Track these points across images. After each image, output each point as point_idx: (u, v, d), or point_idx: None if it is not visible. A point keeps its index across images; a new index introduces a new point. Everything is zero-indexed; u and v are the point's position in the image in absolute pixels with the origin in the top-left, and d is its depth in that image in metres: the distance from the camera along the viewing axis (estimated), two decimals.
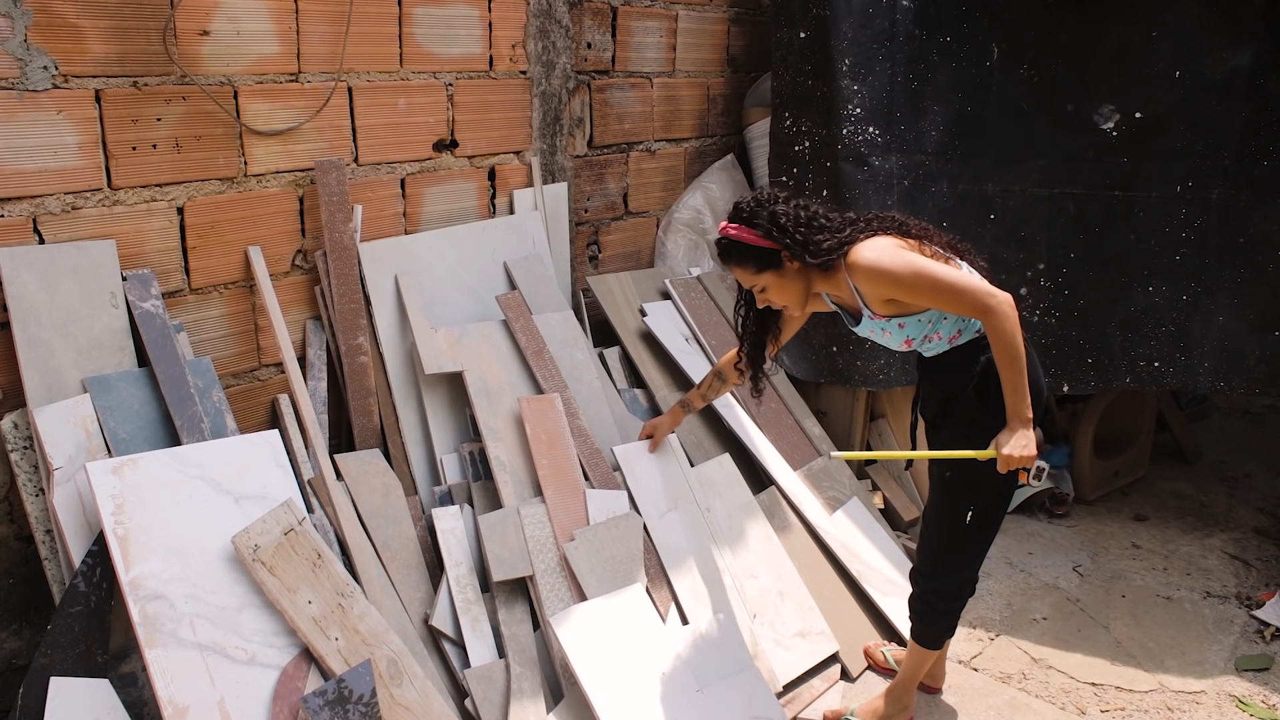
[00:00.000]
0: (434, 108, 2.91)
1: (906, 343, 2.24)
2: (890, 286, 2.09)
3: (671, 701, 2.32)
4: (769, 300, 2.25)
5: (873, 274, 2.09)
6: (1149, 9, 3.04)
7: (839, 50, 3.17)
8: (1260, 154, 3.01)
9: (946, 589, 2.42)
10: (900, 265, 2.06)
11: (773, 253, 2.17)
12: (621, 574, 2.53)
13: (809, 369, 3.48)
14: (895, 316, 2.18)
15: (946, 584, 2.42)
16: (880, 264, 2.07)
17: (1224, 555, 3.51)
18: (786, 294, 2.22)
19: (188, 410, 2.23)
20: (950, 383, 2.26)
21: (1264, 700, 2.71)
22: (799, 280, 2.21)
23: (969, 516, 2.29)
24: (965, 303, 2.04)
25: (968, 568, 2.41)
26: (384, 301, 2.77)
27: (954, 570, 2.40)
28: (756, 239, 2.16)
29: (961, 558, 2.39)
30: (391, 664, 2.11)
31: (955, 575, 2.41)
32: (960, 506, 2.30)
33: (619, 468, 2.79)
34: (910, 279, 2.05)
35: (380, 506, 2.49)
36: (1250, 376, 3.18)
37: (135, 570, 1.93)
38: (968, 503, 2.29)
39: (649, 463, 2.84)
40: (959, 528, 2.32)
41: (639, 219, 3.81)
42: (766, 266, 2.18)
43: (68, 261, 2.16)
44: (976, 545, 2.38)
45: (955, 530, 2.33)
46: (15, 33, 2.03)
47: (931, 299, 2.08)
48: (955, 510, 2.31)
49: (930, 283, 2.04)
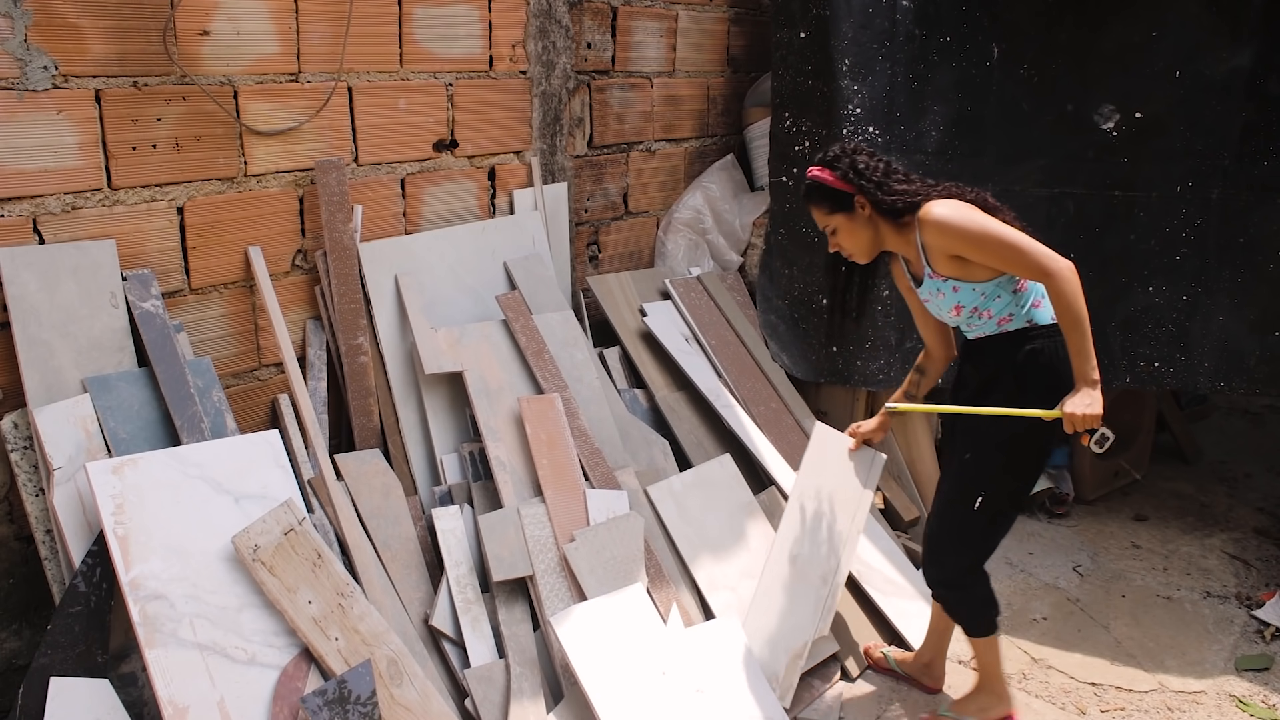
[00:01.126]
0: (434, 108, 2.91)
1: (956, 309, 2.29)
2: (957, 240, 2.16)
3: (671, 702, 2.32)
4: (838, 244, 2.35)
5: (941, 226, 2.16)
6: (1149, 9, 3.04)
7: (839, 50, 3.17)
8: (1260, 154, 3.01)
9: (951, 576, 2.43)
10: (968, 220, 2.15)
11: (846, 195, 2.27)
12: (622, 574, 2.53)
13: (809, 369, 3.48)
14: (953, 278, 2.24)
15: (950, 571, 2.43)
16: (950, 218, 2.15)
17: (1224, 555, 3.51)
18: (855, 239, 2.31)
19: (188, 410, 2.23)
20: (990, 366, 2.31)
21: (1264, 700, 2.71)
22: (868, 228, 2.29)
23: (979, 502, 2.31)
24: (1028, 262, 2.09)
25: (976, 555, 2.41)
26: (384, 301, 2.77)
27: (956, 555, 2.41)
28: (834, 180, 2.27)
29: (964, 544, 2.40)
30: (391, 664, 2.11)
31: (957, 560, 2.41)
32: (971, 490, 2.33)
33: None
34: (977, 233, 2.13)
35: (380, 506, 2.49)
36: (1250, 376, 3.18)
37: (135, 570, 1.93)
38: (979, 487, 2.32)
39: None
40: (963, 512, 2.34)
41: (639, 219, 3.81)
42: (839, 208, 2.29)
43: (68, 261, 2.16)
44: (995, 529, 2.38)
45: (960, 515, 2.35)
46: (15, 33, 2.03)
47: (996, 257, 2.14)
48: (965, 493, 2.34)
49: (995, 240, 2.12)
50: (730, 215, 3.86)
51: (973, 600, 2.45)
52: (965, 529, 2.38)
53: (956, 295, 2.26)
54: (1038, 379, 2.24)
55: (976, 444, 2.33)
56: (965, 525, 2.37)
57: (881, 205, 2.24)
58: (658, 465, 3.01)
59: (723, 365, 3.37)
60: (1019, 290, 2.24)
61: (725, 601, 2.71)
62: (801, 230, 3.38)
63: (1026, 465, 2.33)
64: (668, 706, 2.30)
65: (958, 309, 2.29)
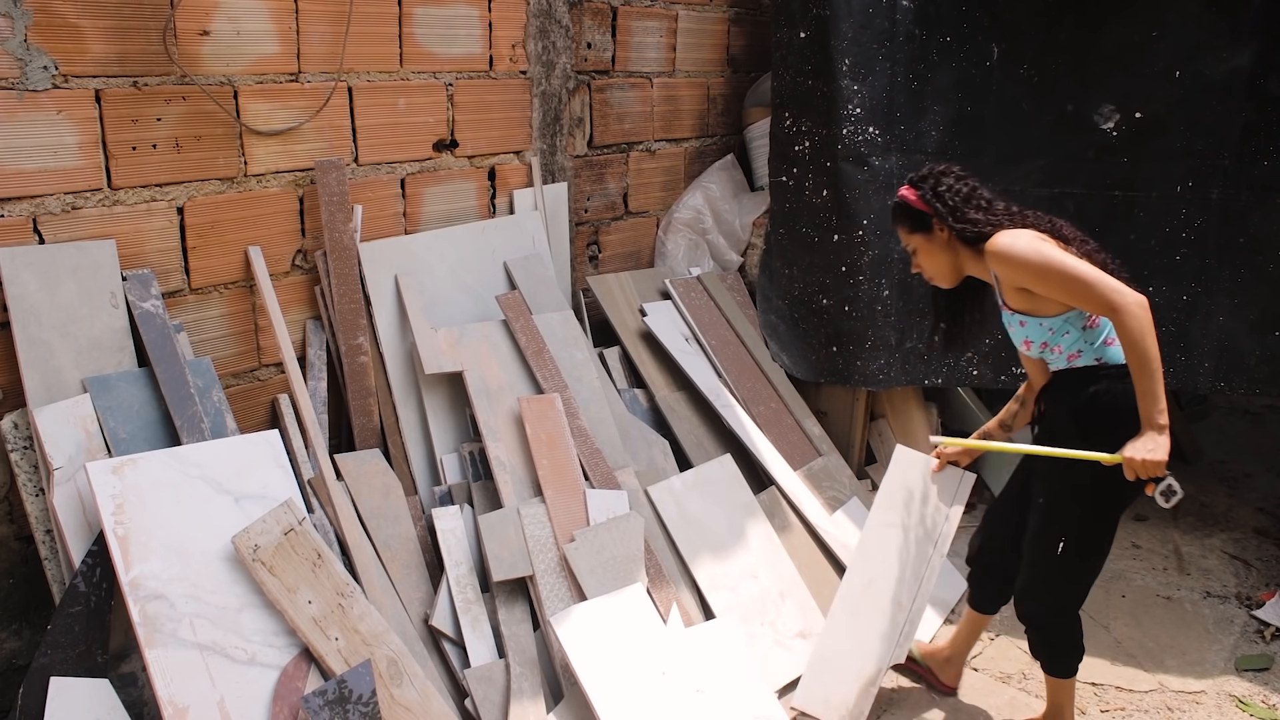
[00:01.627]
0: (434, 108, 2.91)
1: (1026, 344, 2.27)
2: (1020, 272, 2.12)
3: (671, 702, 2.32)
4: (919, 266, 2.35)
5: (1005, 258, 2.13)
6: (1149, 9, 3.04)
7: (839, 50, 3.17)
8: (1260, 154, 3.01)
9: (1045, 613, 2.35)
10: (1032, 252, 2.09)
11: (925, 217, 2.26)
12: (622, 574, 2.53)
13: (809, 369, 3.48)
14: (1020, 313, 2.22)
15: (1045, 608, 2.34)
16: (1013, 249, 2.11)
17: (1224, 555, 3.51)
18: (933, 262, 2.31)
19: (188, 410, 2.23)
20: (1060, 405, 2.27)
21: (1264, 700, 2.71)
22: (947, 252, 2.28)
23: (1060, 546, 2.25)
24: (1094, 296, 2.03)
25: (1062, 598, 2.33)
26: (384, 301, 2.77)
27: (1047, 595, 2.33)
28: (916, 200, 2.28)
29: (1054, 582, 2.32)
30: (391, 664, 2.11)
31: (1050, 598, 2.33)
32: (1052, 534, 2.27)
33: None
34: (1039, 264, 2.08)
35: (380, 506, 2.49)
36: (1250, 376, 3.18)
37: (135, 570, 1.93)
38: (1058, 531, 2.26)
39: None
40: (1049, 555, 2.27)
41: (639, 219, 3.81)
42: (917, 229, 2.29)
43: (68, 261, 2.16)
44: (1078, 571, 2.30)
45: (1047, 558, 2.28)
46: (15, 33, 2.03)
47: (1061, 290, 2.08)
48: (1047, 537, 2.28)
49: (1059, 273, 2.06)
50: (730, 215, 3.86)
51: (1056, 642, 2.37)
52: (1051, 570, 2.31)
53: (1024, 330, 2.24)
54: (1099, 423, 2.15)
55: (1050, 488, 2.28)
56: (1051, 566, 2.30)
57: (954, 231, 2.22)
58: (658, 465, 3.01)
59: (723, 365, 3.37)
60: (1089, 327, 2.17)
61: (725, 601, 2.71)
62: (801, 230, 3.38)
63: (1103, 510, 2.24)
64: (668, 706, 2.30)
65: (1027, 343, 2.26)
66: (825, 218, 3.31)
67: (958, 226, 2.21)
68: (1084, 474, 2.14)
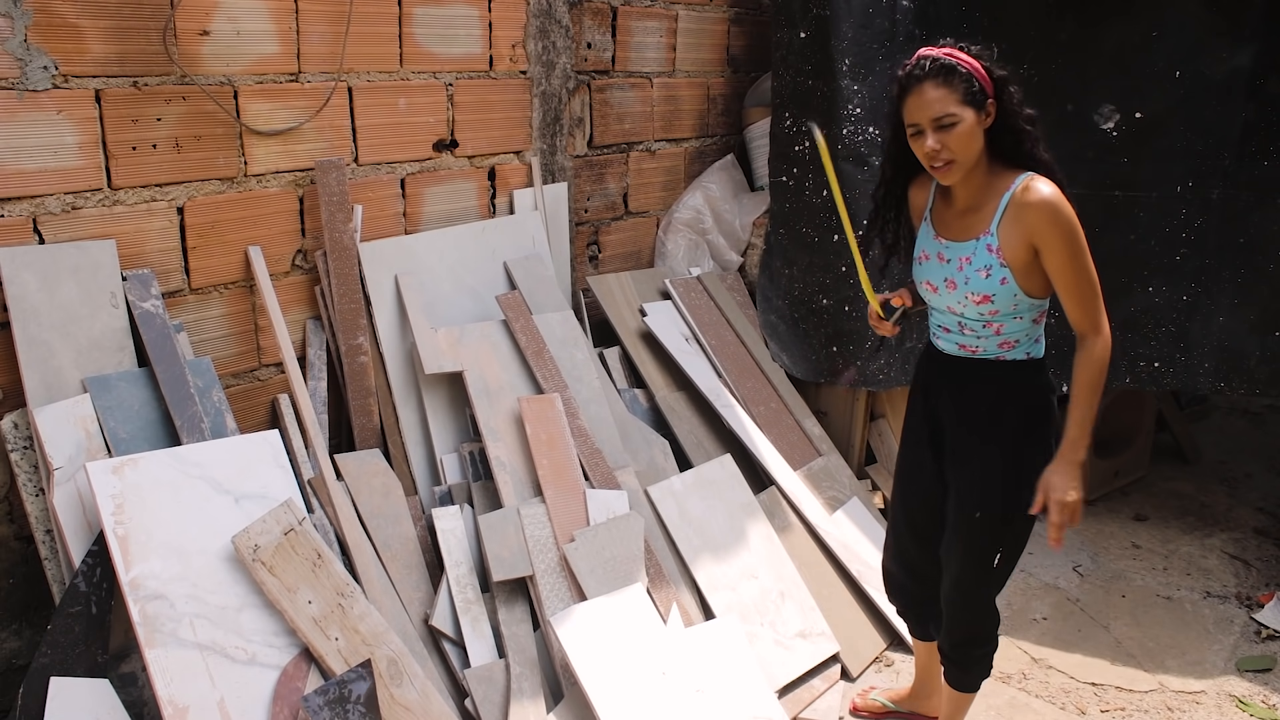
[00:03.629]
0: (434, 108, 2.91)
1: (983, 298, 1.98)
2: (1052, 231, 1.89)
3: (671, 702, 2.32)
4: (946, 143, 1.91)
5: (1055, 211, 1.89)
6: (1149, 9, 3.03)
7: (839, 50, 3.17)
8: (1260, 154, 3.01)
9: (980, 632, 2.23)
10: (1074, 220, 1.91)
11: (984, 93, 1.91)
12: (622, 574, 2.53)
13: (809, 369, 3.48)
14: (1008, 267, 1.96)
15: (981, 627, 2.22)
16: (1061, 205, 1.90)
17: (1224, 555, 3.51)
18: (969, 146, 1.92)
19: (188, 410, 2.23)
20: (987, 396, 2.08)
21: (1264, 700, 2.71)
22: (979, 144, 1.94)
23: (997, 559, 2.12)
24: (1090, 303, 1.93)
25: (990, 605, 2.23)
26: (384, 301, 2.77)
27: (983, 612, 2.22)
28: (980, 68, 1.91)
29: (989, 598, 2.21)
30: (391, 664, 2.11)
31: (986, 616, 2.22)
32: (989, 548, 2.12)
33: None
34: (1076, 237, 1.90)
35: (380, 506, 2.49)
36: (1250, 377, 3.17)
37: (135, 570, 1.93)
38: (996, 544, 2.11)
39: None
40: (984, 570, 2.14)
41: (639, 219, 3.81)
42: (972, 103, 1.90)
43: (68, 261, 2.16)
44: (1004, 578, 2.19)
45: (982, 573, 2.15)
46: (15, 33, 2.03)
47: (1072, 276, 1.92)
48: (983, 553, 2.13)
49: (1086, 261, 1.91)
50: (730, 215, 3.86)
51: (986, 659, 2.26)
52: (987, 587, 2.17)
53: (1001, 286, 1.97)
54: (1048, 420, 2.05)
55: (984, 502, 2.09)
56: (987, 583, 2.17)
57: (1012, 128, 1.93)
58: (658, 465, 3.01)
59: (723, 365, 3.37)
60: (1037, 322, 2.05)
61: (725, 601, 2.71)
62: (801, 230, 3.38)
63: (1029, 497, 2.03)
64: (668, 706, 2.30)
65: (985, 298, 1.98)
66: (825, 218, 3.31)
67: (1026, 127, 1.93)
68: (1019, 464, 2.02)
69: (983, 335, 2.05)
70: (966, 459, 2.12)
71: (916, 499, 2.28)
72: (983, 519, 2.10)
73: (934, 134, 1.91)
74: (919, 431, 2.25)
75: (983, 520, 2.10)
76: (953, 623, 2.24)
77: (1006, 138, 1.95)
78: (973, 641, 2.24)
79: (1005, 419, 2.06)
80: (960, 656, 2.25)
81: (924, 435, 2.23)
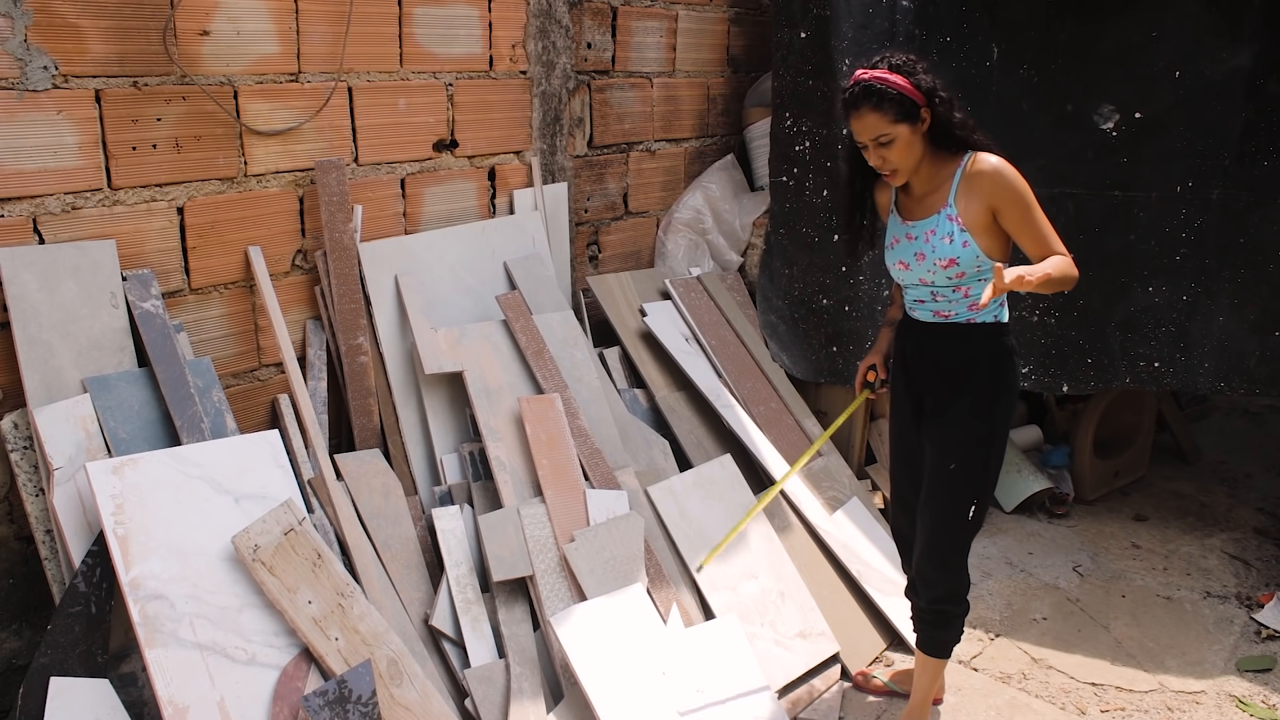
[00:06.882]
0: (434, 108, 2.91)
1: (949, 262, 2.18)
2: (1009, 194, 2.13)
3: (671, 702, 2.32)
4: (886, 158, 2.15)
5: (1001, 175, 2.14)
6: (1149, 9, 3.03)
7: (839, 50, 3.17)
8: (1260, 154, 3.01)
9: (959, 589, 2.37)
10: (1022, 179, 2.14)
11: (915, 106, 2.12)
12: (622, 574, 2.53)
13: (809, 369, 3.48)
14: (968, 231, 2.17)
15: (958, 583, 2.37)
16: (1009, 168, 2.15)
17: (1224, 555, 3.51)
18: (909, 155, 2.16)
19: (188, 410, 2.23)
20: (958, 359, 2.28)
21: (1264, 700, 2.71)
22: (920, 147, 2.17)
23: (972, 511, 2.29)
24: (1051, 241, 2.12)
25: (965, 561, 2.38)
26: (384, 301, 2.77)
27: (961, 568, 2.37)
28: (907, 85, 2.11)
29: (964, 553, 2.37)
30: (391, 664, 2.11)
31: (962, 573, 2.37)
32: (965, 499, 2.29)
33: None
34: (1026, 193, 2.13)
35: (380, 506, 2.49)
36: (1250, 377, 3.17)
37: (135, 570, 1.93)
38: (972, 493, 2.29)
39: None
40: (962, 523, 2.31)
41: (639, 219, 3.81)
42: (905, 118, 2.12)
43: (68, 261, 2.16)
44: (973, 535, 2.37)
45: (959, 526, 2.31)
46: (15, 33, 2.03)
47: (1028, 225, 2.13)
48: (960, 504, 2.30)
49: (1037, 210, 2.14)
50: (730, 215, 3.86)
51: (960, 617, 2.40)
52: (963, 541, 2.34)
53: (964, 249, 2.16)
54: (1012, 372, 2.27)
55: (960, 449, 2.27)
56: (963, 537, 2.34)
57: (947, 125, 2.14)
58: (658, 465, 3.01)
59: (723, 365, 3.37)
60: None
61: (725, 601, 2.71)
62: (801, 230, 3.38)
63: (1001, 450, 2.31)
64: (668, 706, 2.30)
65: (951, 261, 2.17)
66: (825, 218, 3.31)
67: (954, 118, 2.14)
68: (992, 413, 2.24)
69: (953, 300, 2.25)
70: (943, 411, 2.31)
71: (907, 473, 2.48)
72: (958, 470, 2.28)
73: (875, 150, 2.17)
74: (904, 408, 2.45)
75: (958, 471, 2.28)
76: (931, 581, 2.38)
77: (945, 133, 2.18)
78: (951, 599, 2.38)
79: (977, 372, 2.27)
80: (936, 616, 2.40)
81: (908, 409, 2.43)
